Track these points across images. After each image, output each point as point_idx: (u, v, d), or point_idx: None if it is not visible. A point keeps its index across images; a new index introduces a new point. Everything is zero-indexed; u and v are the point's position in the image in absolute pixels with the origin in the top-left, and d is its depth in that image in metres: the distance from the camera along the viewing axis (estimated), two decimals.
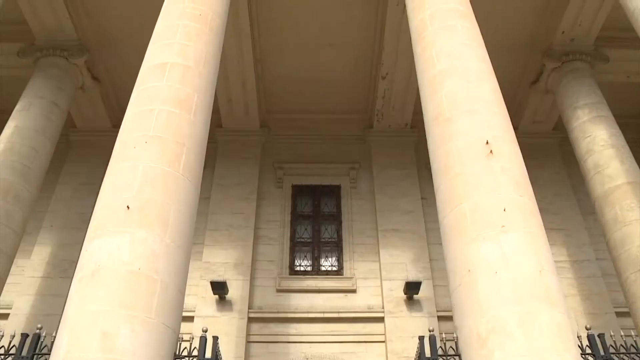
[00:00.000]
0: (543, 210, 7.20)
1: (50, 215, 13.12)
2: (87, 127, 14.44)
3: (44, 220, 13.02)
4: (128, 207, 6.52)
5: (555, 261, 6.68)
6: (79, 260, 6.44)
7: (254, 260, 12.49)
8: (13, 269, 10.36)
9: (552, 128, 14.71)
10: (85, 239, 6.60)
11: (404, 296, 11.80)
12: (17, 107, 11.25)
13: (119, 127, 7.66)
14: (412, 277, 12.00)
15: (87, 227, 6.74)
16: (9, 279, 10.15)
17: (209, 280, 11.59)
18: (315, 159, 14.33)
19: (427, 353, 6.66)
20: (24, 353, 6.60)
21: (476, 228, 6.64)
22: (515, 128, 8.13)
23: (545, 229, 6.91)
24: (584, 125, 11.40)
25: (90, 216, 6.87)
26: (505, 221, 6.61)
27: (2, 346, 6.74)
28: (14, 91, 12.77)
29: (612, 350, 6.79)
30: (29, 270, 12.27)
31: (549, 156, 14.40)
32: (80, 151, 14.21)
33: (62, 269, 12.12)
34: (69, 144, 14.33)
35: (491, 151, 7.20)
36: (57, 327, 6.03)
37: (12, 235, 9.59)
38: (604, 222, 10.39)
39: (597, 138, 11.11)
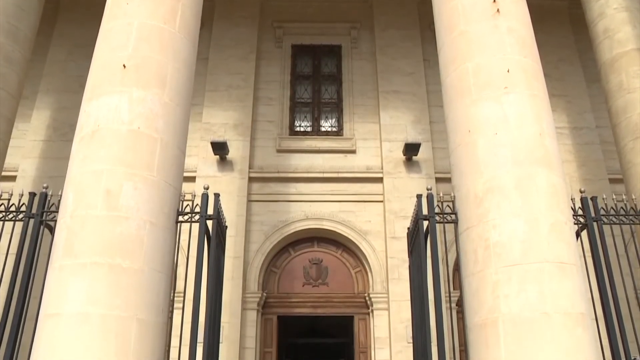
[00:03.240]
0: (546, 75, 7.08)
1: (46, 79, 12.90)
2: None
3: (40, 84, 12.84)
4: (124, 65, 6.39)
5: (555, 127, 6.66)
6: (78, 121, 6.42)
7: (253, 121, 12.49)
8: (15, 132, 10.39)
9: None
10: (83, 100, 6.54)
11: (403, 157, 11.94)
12: None
13: None
14: (412, 138, 12.06)
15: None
16: (12, 142, 10.22)
17: (210, 141, 11.67)
18: (315, 18, 13.85)
19: (424, 211, 6.80)
20: (34, 210, 6.77)
21: (478, 88, 6.56)
22: None
23: (547, 94, 6.82)
24: None
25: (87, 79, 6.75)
26: (508, 82, 6.51)
27: (13, 204, 6.90)
28: None
29: (603, 212, 6.96)
30: (31, 134, 12.31)
31: (557, 20, 13.89)
32: (71, 11, 13.65)
33: (63, 132, 12.15)
34: (58, 3, 13.75)
35: (498, 10, 6.93)
36: (63, 187, 6.15)
37: (8, 98, 9.46)
38: (608, 89, 10.20)
39: (610, 0, 10.61)
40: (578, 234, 6.61)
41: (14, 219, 6.79)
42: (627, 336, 6.27)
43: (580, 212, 6.85)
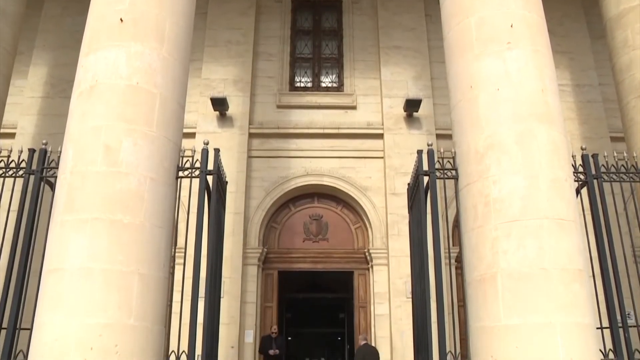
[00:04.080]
0: (550, 31, 6.94)
1: (41, 35, 12.71)
2: None
3: (35, 39, 12.65)
4: (121, 19, 6.28)
5: (558, 85, 6.58)
6: (76, 76, 6.35)
7: (253, 77, 12.39)
8: (12, 89, 10.26)
9: None
10: (80, 54, 6.46)
11: (404, 113, 11.88)
12: None
13: None
14: (413, 94, 11.97)
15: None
16: (10, 99, 10.12)
17: (209, 97, 11.59)
18: None
19: (425, 166, 6.78)
20: (34, 167, 6.75)
21: (481, 43, 6.46)
22: None
23: (551, 50, 6.72)
24: None
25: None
26: (511, 37, 6.41)
27: (13, 160, 6.87)
28: None
29: (603, 170, 6.94)
30: (28, 90, 12.20)
31: None
32: None
33: (61, 89, 12.00)
34: None
35: None
36: (62, 144, 6.12)
37: (4, 53, 9.33)
38: (612, 45, 9.98)
39: None
40: (578, 191, 6.61)
41: (14, 175, 6.79)
42: (623, 292, 6.35)
43: (580, 169, 6.83)
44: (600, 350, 5.85)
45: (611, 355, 6.14)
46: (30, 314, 5.69)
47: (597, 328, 5.76)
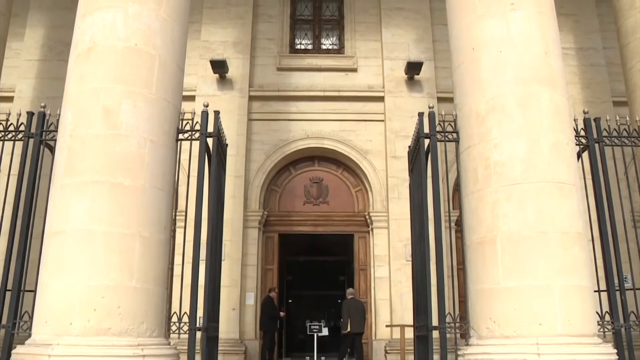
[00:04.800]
0: None
1: None
2: None
3: (30, 0, 12.44)
4: None
5: (561, 47, 6.49)
6: (73, 38, 6.27)
7: (253, 39, 12.25)
8: (8, 52, 10.14)
9: None
10: (77, 16, 6.35)
11: (405, 76, 11.79)
12: None
13: None
14: (414, 57, 11.86)
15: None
16: (7, 62, 10.01)
17: (209, 59, 11.48)
18: None
19: (426, 129, 6.74)
20: (33, 130, 6.71)
21: (484, 4, 6.36)
22: None
23: (555, 12, 6.60)
24: None
25: None
26: None
27: (12, 124, 6.82)
28: None
29: (605, 134, 6.89)
30: (25, 53, 12.06)
31: None
32: None
33: (59, 51, 11.84)
34: None
35: None
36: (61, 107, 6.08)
37: None
38: (618, 7, 9.81)
39: None
40: (579, 155, 6.59)
41: (13, 138, 6.74)
42: (621, 256, 6.38)
43: (582, 133, 6.79)
44: (597, 313, 5.92)
45: (607, 318, 6.21)
46: (34, 275, 5.74)
47: (595, 291, 5.81)
